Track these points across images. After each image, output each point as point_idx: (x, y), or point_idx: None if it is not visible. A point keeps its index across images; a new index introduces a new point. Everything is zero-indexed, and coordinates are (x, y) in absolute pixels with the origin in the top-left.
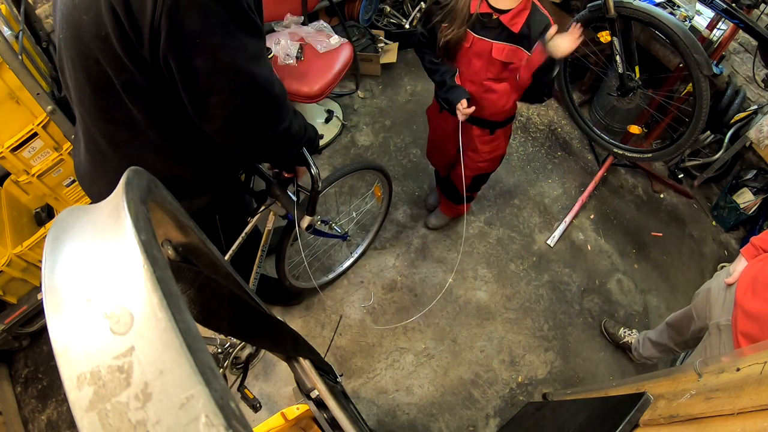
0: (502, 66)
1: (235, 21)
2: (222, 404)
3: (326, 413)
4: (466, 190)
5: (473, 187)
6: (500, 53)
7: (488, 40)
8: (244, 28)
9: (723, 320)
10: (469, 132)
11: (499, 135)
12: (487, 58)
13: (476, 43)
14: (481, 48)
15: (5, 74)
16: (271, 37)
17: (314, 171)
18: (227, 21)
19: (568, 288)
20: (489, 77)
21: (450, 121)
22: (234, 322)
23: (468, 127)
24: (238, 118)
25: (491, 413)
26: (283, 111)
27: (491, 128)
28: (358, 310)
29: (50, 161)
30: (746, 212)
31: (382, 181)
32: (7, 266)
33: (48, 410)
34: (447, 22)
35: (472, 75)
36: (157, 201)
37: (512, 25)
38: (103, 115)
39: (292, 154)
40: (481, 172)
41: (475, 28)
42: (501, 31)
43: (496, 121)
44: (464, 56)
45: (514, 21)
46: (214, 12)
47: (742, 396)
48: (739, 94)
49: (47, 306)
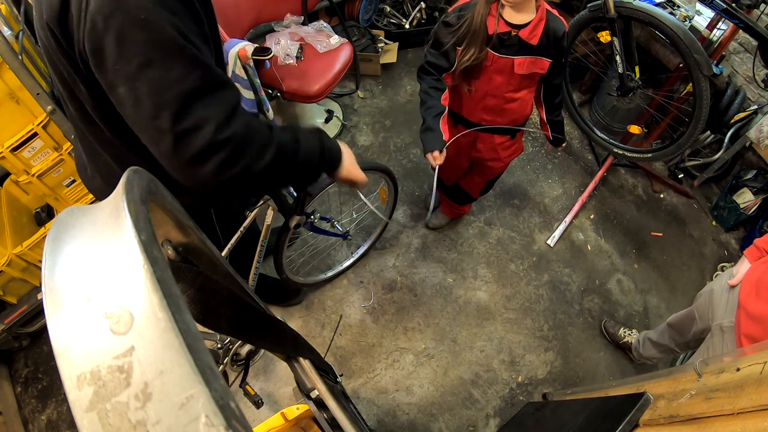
0: (524, 77)
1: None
2: (222, 404)
3: (326, 413)
4: (481, 193)
5: (486, 189)
6: (522, 68)
7: (509, 57)
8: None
9: (726, 322)
10: (490, 142)
11: (519, 137)
12: (509, 74)
13: (497, 61)
14: (503, 65)
15: (5, 74)
16: (271, 37)
17: None
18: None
19: (568, 288)
20: (510, 90)
21: (466, 135)
22: (234, 322)
23: (488, 138)
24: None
25: (491, 413)
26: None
27: (512, 134)
28: (358, 310)
29: (50, 161)
30: (746, 212)
31: (388, 184)
32: (7, 266)
33: (48, 410)
34: (463, 45)
35: (494, 90)
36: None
37: (531, 38)
38: (75, 105)
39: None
40: (498, 174)
41: (495, 46)
42: (521, 46)
43: (517, 127)
44: (485, 74)
45: (533, 34)
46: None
47: (742, 396)
48: (739, 94)
49: (47, 306)
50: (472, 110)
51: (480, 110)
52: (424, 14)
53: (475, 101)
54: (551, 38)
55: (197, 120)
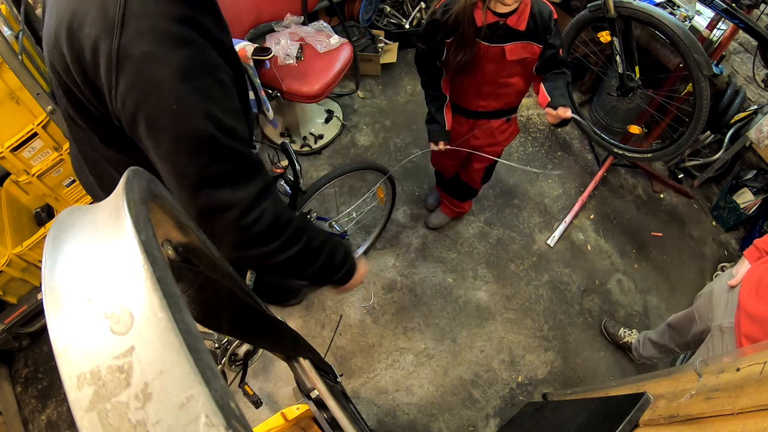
0: (516, 62)
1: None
2: (222, 404)
3: (326, 413)
4: (482, 182)
5: (486, 177)
6: (513, 54)
7: (499, 45)
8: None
9: (725, 322)
10: (487, 127)
11: (514, 118)
12: (501, 61)
13: (488, 51)
14: (494, 53)
15: (5, 74)
16: (271, 37)
17: (297, 167)
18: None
19: (568, 288)
20: (503, 75)
21: (464, 124)
22: (234, 322)
23: (484, 123)
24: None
25: (491, 413)
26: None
27: (508, 116)
28: (358, 310)
29: (50, 161)
30: (746, 212)
31: (386, 183)
32: (7, 266)
33: (48, 410)
34: (453, 44)
35: (488, 77)
36: (157, 201)
37: (518, 24)
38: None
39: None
40: (496, 157)
41: (485, 36)
42: (510, 33)
43: (512, 108)
44: (478, 64)
45: (520, 21)
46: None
47: (742, 396)
48: (739, 94)
49: (47, 306)
50: (468, 98)
51: (475, 98)
52: (424, 14)
53: (470, 90)
54: (538, 21)
55: (221, 204)
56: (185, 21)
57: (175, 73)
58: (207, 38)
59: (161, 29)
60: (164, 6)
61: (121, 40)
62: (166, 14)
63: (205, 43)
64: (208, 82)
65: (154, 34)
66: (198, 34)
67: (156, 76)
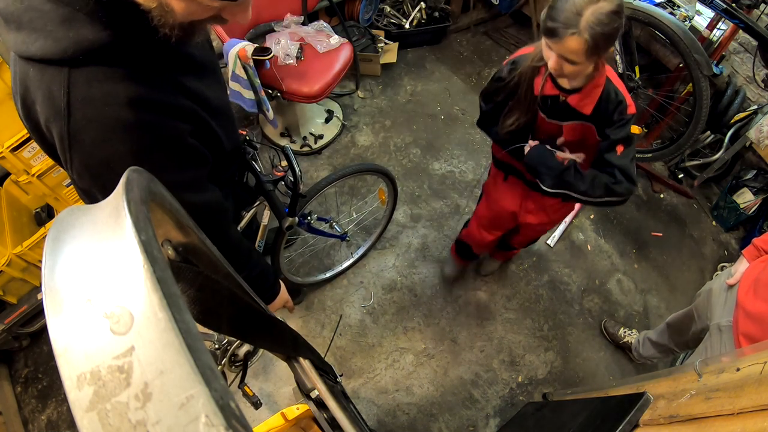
0: (575, 143)
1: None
2: (222, 404)
3: (326, 413)
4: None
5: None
6: (571, 134)
7: (556, 123)
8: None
9: (724, 321)
10: (541, 202)
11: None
12: (558, 137)
13: (544, 124)
14: (550, 128)
15: (5, 74)
16: (271, 37)
17: (298, 172)
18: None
19: (568, 288)
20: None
21: (518, 189)
22: (234, 322)
23: (538, 197)
24: None
25: (491, 413)
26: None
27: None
28: (358, 310)
29: (50, 161)
30: (746, 212)
31: (387, 185)
32: (7, 266)
33: (48, 410)
34: (511, 104)
35: None
36: (157, 201)
37: (582, 107)
38: None
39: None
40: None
41: (542, 108)
42: (569, 111)
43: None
44: (533, 135)
45: (584, 102)
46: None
47: (742, 396)
48: (739, 94)
49: (47, 306)
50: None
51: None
52: (424, 14)
53: None
54: (607, 111)
55: None
56: (133, 104)
57: (126, 156)
58: (162, 109)
59: (107, 117)
60: (110, 90)
61: (69, 126)
62: (112, 99)
63: (159, 118)
64: (162, 158)
65: (100, 123)
66: (149, 111)
67: (107, 159)
